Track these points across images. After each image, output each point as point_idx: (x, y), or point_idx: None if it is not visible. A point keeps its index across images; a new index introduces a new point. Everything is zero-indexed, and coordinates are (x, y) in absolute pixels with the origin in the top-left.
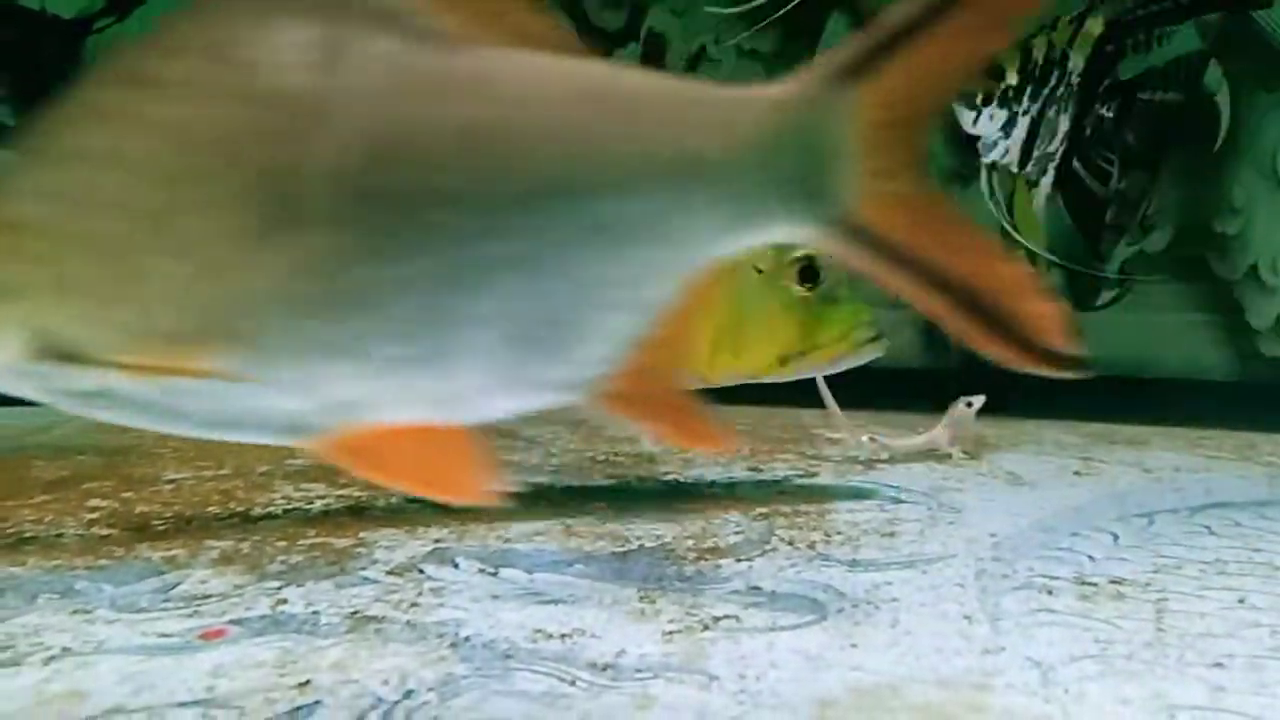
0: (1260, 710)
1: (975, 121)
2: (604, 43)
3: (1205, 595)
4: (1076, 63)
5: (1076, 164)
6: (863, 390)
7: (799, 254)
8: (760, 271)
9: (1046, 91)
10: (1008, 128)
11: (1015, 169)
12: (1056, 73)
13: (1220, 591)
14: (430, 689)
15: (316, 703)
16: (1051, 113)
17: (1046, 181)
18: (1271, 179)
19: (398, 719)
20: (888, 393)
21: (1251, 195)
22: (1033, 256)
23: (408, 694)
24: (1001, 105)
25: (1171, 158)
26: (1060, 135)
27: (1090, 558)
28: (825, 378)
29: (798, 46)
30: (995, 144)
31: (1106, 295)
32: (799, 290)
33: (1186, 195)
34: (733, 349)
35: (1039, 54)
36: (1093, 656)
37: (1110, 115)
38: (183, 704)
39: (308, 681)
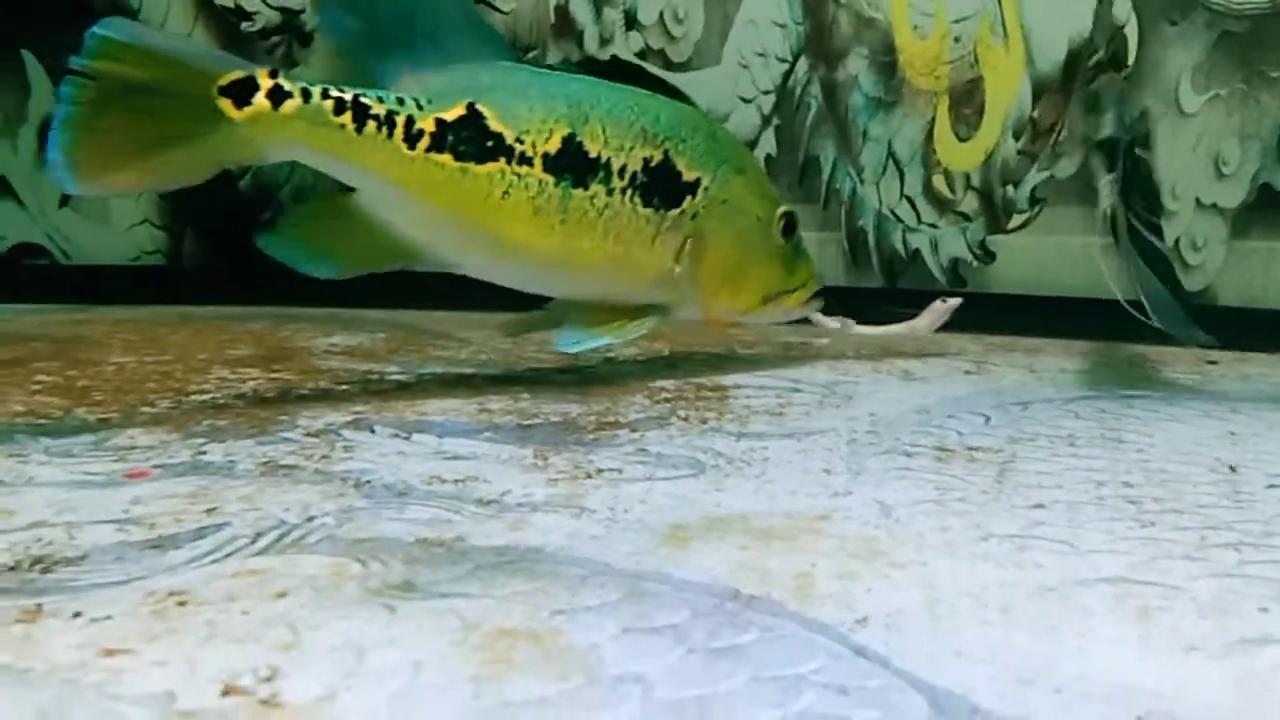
0: (1065, 535)
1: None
2: None
3: (1051, 459)
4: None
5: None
6: None
7: (784, 208)
8: (760, 220)
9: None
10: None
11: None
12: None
13: (1066, 458)
14: (328, 515)
15: (224, 524)
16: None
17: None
18: (1173, 108)
19: (295, 536)
20: None
21: (1154, 124)
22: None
23: (309, 519)
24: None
25: (1081, 87)
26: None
27: (959, 433)
28: None
29: None
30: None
31: (1018, 219)
32: (781, 241)
33: (1094, 123)
34: (733, 289)
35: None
36: (931, 500)
37: None
38: (100, 521)
39: (215, 509)
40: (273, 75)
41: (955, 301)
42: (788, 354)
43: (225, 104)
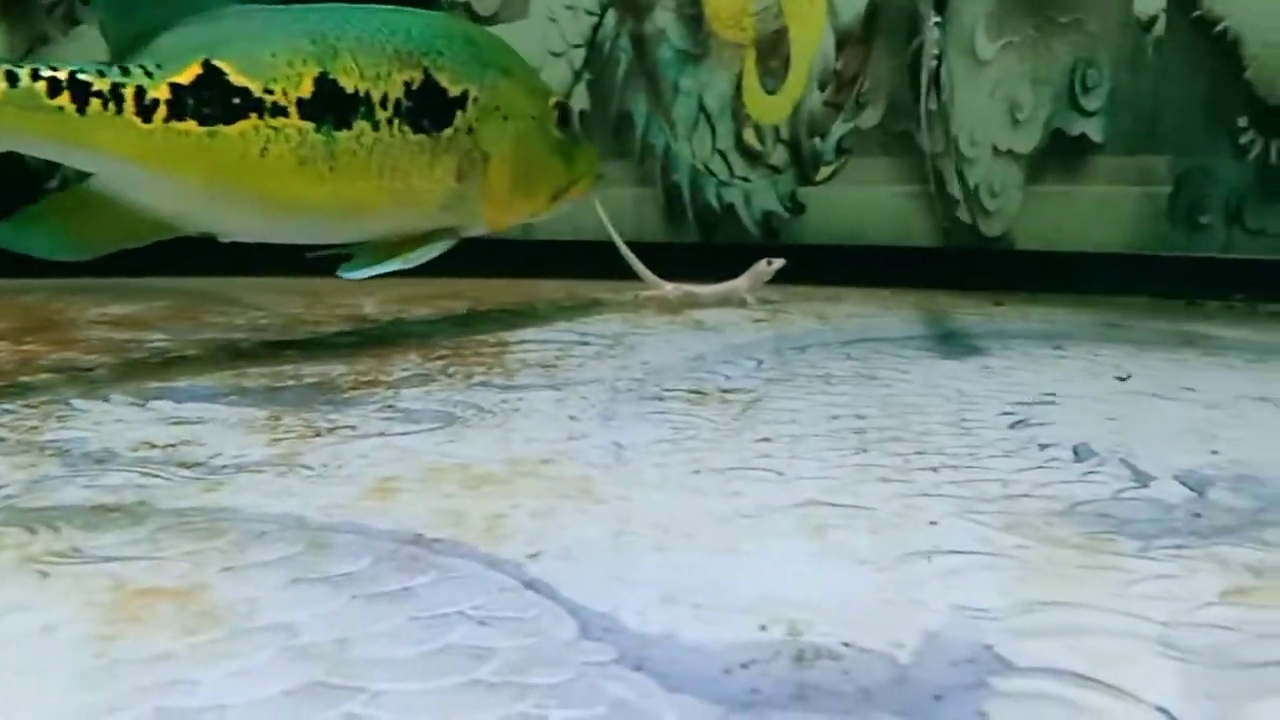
0: (780, 466)
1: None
2: None
3: (801, 398)
4: None
5: None
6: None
7: (556, 98)
8: (535, 119)
9: None
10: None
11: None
12: None
13: (816, 395)
14: (12, 485)
15: None
16: None
17: None
18: (970, 58)
19: None
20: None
21: (953, 73)
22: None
23: None
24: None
25: (882, 40)
26: None
27: (726, 377)
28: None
29: None
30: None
31: (825, 170)
32: (559, 133)
33: (895, 74)
34: (523, 195)
35: None
36: (667, 440)
37: None
38: None
39: None
40: None
41: (779, 262)
42: (587, 309)
43: None
